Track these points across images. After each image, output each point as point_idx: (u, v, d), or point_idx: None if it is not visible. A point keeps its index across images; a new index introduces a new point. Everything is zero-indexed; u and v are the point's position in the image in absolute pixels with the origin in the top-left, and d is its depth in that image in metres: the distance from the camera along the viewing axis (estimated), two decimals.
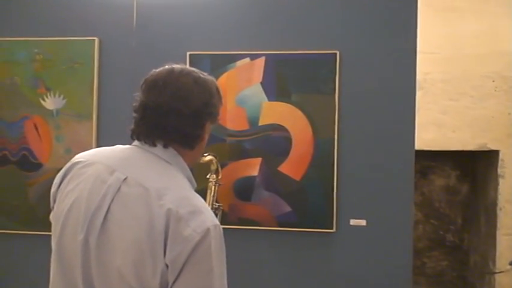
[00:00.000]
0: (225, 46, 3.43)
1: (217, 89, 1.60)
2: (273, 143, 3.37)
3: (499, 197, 3.88)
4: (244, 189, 3.39)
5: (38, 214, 3.51)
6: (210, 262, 1.38)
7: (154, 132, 1.51)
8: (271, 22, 3.41)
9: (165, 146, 1.51)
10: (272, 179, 3.36)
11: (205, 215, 1.42)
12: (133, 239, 1.38)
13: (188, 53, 3.43)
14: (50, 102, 3.52)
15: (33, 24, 3.59)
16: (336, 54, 3.32)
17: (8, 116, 3.55)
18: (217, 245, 1.41)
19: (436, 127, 3.81)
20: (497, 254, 3.89)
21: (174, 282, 1.36)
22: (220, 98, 1.61)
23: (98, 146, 3.47)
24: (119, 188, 1.44)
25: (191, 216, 1.39)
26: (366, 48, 3.34)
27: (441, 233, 4.54)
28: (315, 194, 3.32)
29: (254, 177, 3.38)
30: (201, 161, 2.27)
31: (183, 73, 1.53)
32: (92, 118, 3.48)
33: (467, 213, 4.45)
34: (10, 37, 3.58)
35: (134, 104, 1.56)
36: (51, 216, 1.63)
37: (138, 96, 1.56)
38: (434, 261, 4.52)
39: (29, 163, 3.53)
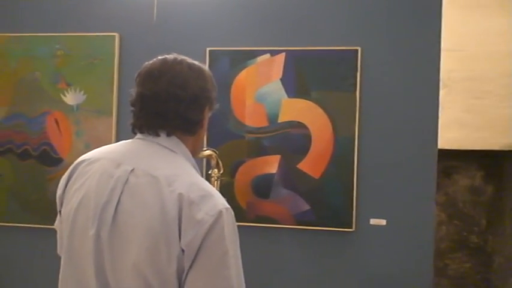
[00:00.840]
0: (245, 42, 3.41)
1: (210, 75, 1.61)
2: (292, 141, 3.33)
3: None
4: (262, 187, 3.36)
5: (57, 209, 3.51)
6: (225, 245, 1.37)
7: (156, 121, 1.50)
8: (292, 18, 3.38)
9: (168, 135, 1.51)
10: (291, 177, 3.33)
11: (215, 199, 1.42)
12: (146, 227, 1.37)
13: (208, 49, 3.42)
14: (71, 98, 3.54)
15: (54, 20, 3.62)
16: (357, 50, 3.27)
17: (29, 111, 3.58)
18: (230, 227, 1.40)
19: (459, 126, 3.74)
20: None
21: (190, 267, 1.35)
22: (214, 85, 1.61)
23: (117, 141, 3.47)
24: (127, 180, 1.43)
25: (202, 200, 1.38)
26: (388, 45, 3.28)
27: (465, 234, 4.45)
28: (334, 193, 3.28)
29: (273, 174, 3.35)
30: (201, 155, 2.28)
31: (176, 61, 1.54)
32: (111, 114, 3.49)
33: (491, 215, 4.36)
34: (31, 33, 3.61)
35: (130, 99, 1.57)
36: (57, 222, 1.61)
37: (133, 90, 1.56)
38: (457, 263, 4.44)
39: (49, 158, 3.55)
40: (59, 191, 1.58)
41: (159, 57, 1.57)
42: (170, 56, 1.56)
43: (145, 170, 1.44)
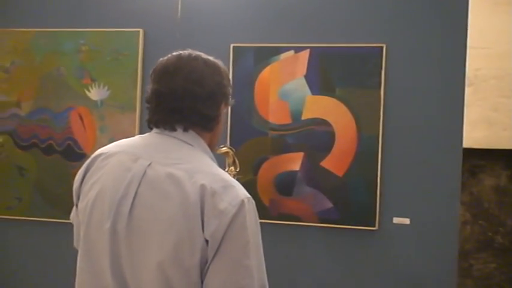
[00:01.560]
0: (269, 38, 3.39)
1: (225, 71, 1.60)
2: (315, 138, 3.31)
3: None
4: (285, 184, 3.34)
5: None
6: (246, 234, 1.37)
7: (173, 117, 1.49)
8: (317, 14, 3.35)
9: (185, 130, 1.50)
10: (314, 174, 3.31)
11: (237, 189, 1.41)
12: (168, 220, 1.36)
13: (232, 45, 3.41)
14: (95, 93, 3.56)
15: (79, 15, 3.63)
16: (382, 47, 3.24)
17: (54, 106, 3.60)
18: (251, 217, 1.40)
19: (486, 125, 3.68)
20: None
21: (212, 257, 1.34)
22: (229, 80, 1.60)
23: None
24: (145, 173, 1.43)
25: (225, 191, 1.38)
26: (413, 42, 3.24)
27: (490, 234, 4.38)
28: (357, 191, 3.25)
29: (296, 172, 3.33)
30: (217, 152, 2.26)
31: (191, 57, 1.52)
32: (135, 110, 3.50)
33: None
34: (57, 28, 3.63)
35: (146, 96, 1.55)
36: (73, 214, 1.61)
37: (148, 87, 1.55)
38: (482, 264, 4.38)
39: (73, 153, 3.58)
40: (75, 184, 1.58)
41: (174, 53, 1.56)
42: (185, 52, 1.55)
43: (163, 163, 1.43)
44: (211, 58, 1.56)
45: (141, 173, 1.43)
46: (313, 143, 3.31)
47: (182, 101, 1.47)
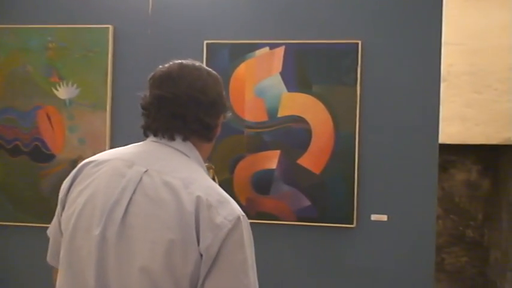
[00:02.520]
0: (244, 35, 3.33)
1: (223, 84, 1.60)
2: (292, 135, 3.26)
3: None
4: (262, 183, 3.29)
5: (50, 206, 3.39)
6: (244, 252, 1.34)
7: (174, 124, 1.45)
8: (292, 10, 3.30)
9: (184, 140, 1.47)
10: (291, 172, 3.27)
11: (232, 204, 1.38)
12: (161, 228, 1.30)
13: (205, 42, 3.33)
14: (63, 92, 3.44)
15: (46, 11, 3.50)
16: (358, 44, 3.21)
17: (20, 105, 3.47)
18: (248, 235, 1.38)
19: (460, 120, 3.69)
20: None
21: (208, 272, 1.30)
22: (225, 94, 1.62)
23: (113, 136, 3.40)
24: (141, 179, 1.38)
25: (220, 205, 1.35)
26: (389, 38, 3.22)
27: (461, 228, 4.42)
28: (335, 188, 3.22)
29: (273, 170, 3.28)
30: None
31: (195, 66, 1.51)
32: (106, 108, 3.40)
33: (488, 209, 4.33)
34: (22, 24, 3.49)
35: (142, 102, 1.50)
36: (51, 228, 1.53)
37: (145, 93, 1.50)
38: (453, 257, 4.41)
39: (41, 154, 3.45)
40: (61, 194, 1.49)
41: (175, 62, 1.53)
42: (187, 61, 1.53)
43: (160, 171, 1.38)
44: (211, 70, 1.55)
45: (136, 179, 1.38)
46: (290, 140, 3.27)
47: (185, 108, 1.45)
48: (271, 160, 3.29)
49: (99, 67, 3.41)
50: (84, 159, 3.33)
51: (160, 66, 1.53)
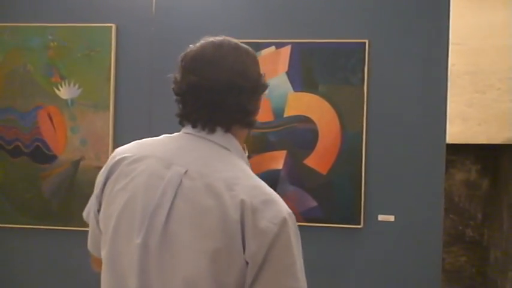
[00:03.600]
0: (249, 34, 3.29)
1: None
2: (298, 136, 3.24)
3: None
4: (268, 183, 3.20)
5: (52, 208, 3.37)
6: (292, 255, 1.26)
7: (215, 115, 1.34)
8: (298, 9, 3.28)
9: (226, 131, 1.35)
10: (297, 173, 3.24)
11: (279, 204, 1.30)
12: (205, 236, 1.23)
13: None
14: (65, 92, 3.38)
15: (47, 9, 3.44)
16: (365, 43, 3.20)
17: (21, 106, 3.40)
18: (295, 235, 1.28)
19: (461, 120, 3.70)
20: None
21: (255, 279, 1.23)
22: None
23: (116, 137, 3.34)
24: (181, 182, 1.29)
25: (265, 207, 1.26)
26: (396, 38, 3.22)
27: (460, 228, 4.44)
28: (342, 189, 3.21)
29: (278, 170, 3.25)
30: None
31: (231, 46, 1.38)
32: (108, 108, 3.35)
33: (487, 209, 4.35)
34: (23, 22, 3.42)
35: (175, 87, 1.38)
36: (91, 215, 1.46)
37: (176, 75, 1.38)
38: (453, 257, 4.43)
39: (42, 155, 3.39)
40: (96, 189, 1.42)
41: (207, 40, 1.41)
42: (218, 39, 1.40)
43: (201, 172, 1.29)
44: (247, 46, 1.42)
45: (176, 182, 1.29)
46: (296, 140, 3.24)
47: (226, 96, 1.32)
48: (277, 160, 3.26)
49: (101, 67, 3.35)
50: (86, 159, 3.32)
51: (192, 46, 1.40)
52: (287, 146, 3.25)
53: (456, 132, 3.71)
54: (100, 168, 1.45)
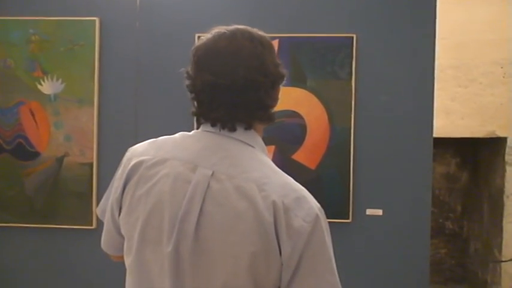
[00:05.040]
0: None
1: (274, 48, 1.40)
2: (286, 130, 3.23)
3: (506, 184, 3.85)
4: None
5: (35, 206, 3.29)
6: (327, 251, 1.25)
7: (235, 113, 1.28)
8: (285, 3, 3.26)
9: (247, 128, 1.31)
10: (286, 168, 3.16)
11: (309, 200, 1.27)
12: (241, 241, 1.20)
13: (197, 35, 3.24)
14: (48, 87, 3.30)
15: (28, 2, 3.34)
16: (352, 38, 3.19)
17: (2, 102, 3.31)
18: (327, 230, 1.28)
19: (444, 114, 3.75)
20: (504, 242, 3.87)
21: (293, 277, 1.21)
22: None
23: (100, 133, 3.28)
24: (208, 185, 1.23)
25: (297, 205, 1.23)
26: (383, 32, 3.22)
27: (440, 220, 4.50)
28: (330, 183, 3.21)
29: None
30: None
31: (245, 37, 1.31)
32: (93, 103, 3.27)
33: (467, 201, 4.43)
34: (3, 16, 3.32)
35: (189, 85, 1.32)
36: (107, 214, 1.42)
37: (190, 71, 1.32)
38: (433, 249, 4.49)
39: (25, 152, 3.30)
40: (115, 194, 1.36)
41: (219, 32, 1.33)
42: (231, 29, 1.33)
43: (228, 173, 1.24)
44: (261, 33, 1.36)
45: (204, 185, 1.24)
46: (285, 135, 3.23)
47: (244, 94, 1.27)
48: None
49: (85, 61, 3.28)
50: (70, 156, 3.25)
51: (203, 38, 1.33)
52: (275, 141, 3.23)
53: (439, 126, 3.75)
54: (85, 164, 1.39)
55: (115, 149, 1.38)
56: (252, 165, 1.27)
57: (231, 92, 1.27)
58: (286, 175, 1.32)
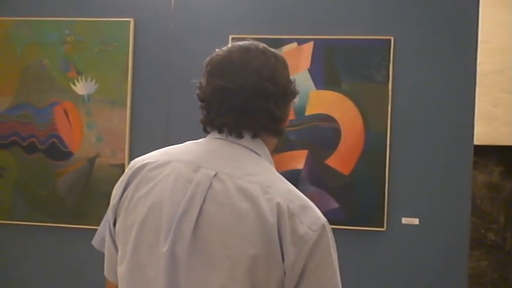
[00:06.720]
0: (271, 29, 3.21)
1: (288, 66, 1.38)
2: (320, 135, 3.16)
3: None
4: None
5: (66, 206, 3.31)
6: (333, 266, 1.20)
7: (241, 120, 1.26)
8: (321, 4, 3.20)
9: (254, 137, 1.27)
10: (319, 173, 3.15)
11: (315, 210, 1.23)
12: (241, 243, 1.15)
13: (230, 37, 3.21)
14: (81, 87, 3.31)
15: (64, 3, 3.38)
16: (390, 40, 3.11)
17: (36, 101, 3.34)
18: (333, 244, 1.24)
19: (486, 120, 3.60)
20: None
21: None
22: None
23: (132, 134, 3.28)
24: (210, 185, 1.20)
25: (303, 212, 1.19)
26: (422, 35, 3.13)
27: (482, 231, 4.33)
28: (364, 190, 3.12)
29: (299, 170, 3.17)
30: None
31: (259, 49, 1.30)
32: (126, 105, 3.28)
33: (510, 212, 4.25)
34: (40, 17, 3.36)
35: (200, 92, 1.31)
36: (108, 241, 1.36)
37: (201, 80, 1.31)
38: (474, 261, 4.32)
39: (58, 151, 3.32)
40: (113, 200, 1.32)
41: (235, 44, 1.32)
42: (246, 43, 1.31)
43: (232, 174, 1.21)
44: (274, 50, 1.34)
45: (205, 185, 1.20)
46: (318, 140, 3.16)
47: (253, 101, 1.25)
48: (298, 160, 3.17)
49: (118, 62, 3.28)
50: (101, 157, 3.25)
51: (218, 50, 1.33)
52: (308, 145, 3.17)
53: (481, 133, 3.60)
54: (116, 165, 1.36)
55: (146, 150, 1.35)
56: (257, 170, 1.24)
57: (240, 98, 1.25)
58: (292, 185, 1.27)
